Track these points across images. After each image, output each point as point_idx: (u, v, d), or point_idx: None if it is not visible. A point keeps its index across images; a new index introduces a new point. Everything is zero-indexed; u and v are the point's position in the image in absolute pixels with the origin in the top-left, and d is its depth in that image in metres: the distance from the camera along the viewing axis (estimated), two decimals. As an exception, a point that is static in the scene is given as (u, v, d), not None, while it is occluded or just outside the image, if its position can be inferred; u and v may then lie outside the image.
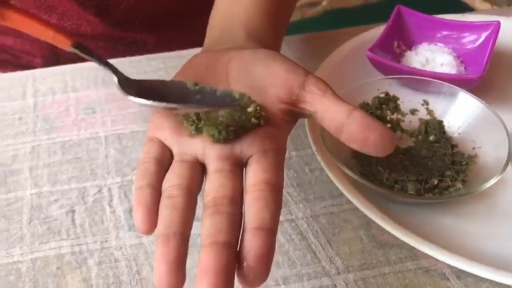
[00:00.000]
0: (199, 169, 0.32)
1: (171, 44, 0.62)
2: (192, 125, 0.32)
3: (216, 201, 0.29)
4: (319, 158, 0.40)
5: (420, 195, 0.39)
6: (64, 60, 0.57)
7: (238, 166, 0.31)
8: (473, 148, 0.42)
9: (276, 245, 0.38)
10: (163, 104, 0.31)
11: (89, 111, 0.50)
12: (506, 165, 0.38)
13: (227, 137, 0.32)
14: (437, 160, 0.41)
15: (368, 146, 0.32)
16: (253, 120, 0.32)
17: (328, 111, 0.33)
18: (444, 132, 0.43)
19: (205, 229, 0.28)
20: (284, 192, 0.42)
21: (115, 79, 0.34)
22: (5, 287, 0.36)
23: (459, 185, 0.39)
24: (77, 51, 0.35)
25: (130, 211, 0.41)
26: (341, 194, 0.39)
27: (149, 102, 0.31)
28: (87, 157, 0.46)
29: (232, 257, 0.27)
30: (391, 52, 0.52)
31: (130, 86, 0.34)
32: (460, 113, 0.44)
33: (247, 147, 0.32)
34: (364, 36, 0.53)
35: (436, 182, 0.39)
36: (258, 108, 0.33)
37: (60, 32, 0.36)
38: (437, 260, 0.35)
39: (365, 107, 0.44)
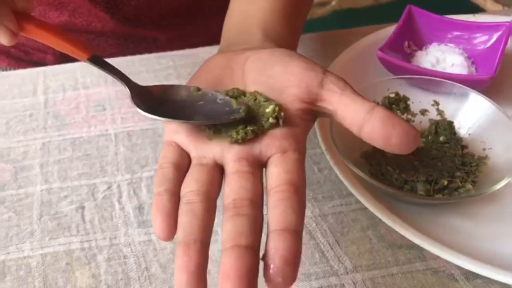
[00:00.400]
0: (217, 173, 0.31)
1: (182, 41, 0.62)
2: (210, 128, 0.32)
3: (236, 203, 0.29)
4: (328, 157, 0.40)
5: (430, 195, 0.38)
6: (76, 58, 0.57)
7: (258, 167, 0.31)
8: (484, 149, 0.42)
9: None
10: (171, 120, 0.32)
11: (99, 108, 0.50)
12: (517, 166, 0.38)
13: (245, 137, 0.31)
14: (447, 160, 0.41)
15: (392, 144, 0.31)
16: (271, 120, 0.32)
17: (348, 109, 0.32)
18: (455, 133, 0.43)
19: (226, 232, 0.28)
20: (292, 191, 0.42)
21: (128, 91, 0.34)
22: (15, 282, 0.36)
23: (469, 186, 0.39)
24: (92, 64, 0.36)
25: (139, 208, 0.41)
26: (350, 194, 0.39)
27: (159, 118, 0.32)
28: (97, 154, 0.46)
29: (255, 261, 0.27)
30: (402, 52, 0.52)
31: (142, 95, 0.34)
32: (470, 114, 0.44)
33: (266, 147, 0.31)
34: (374, 36, 0.53)
35: (446, 183, 0.39)
36: (277, 108, 0.32)
37: (78, 44, 0.36)
38: (446, 261, 0.35)
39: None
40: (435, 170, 0.40)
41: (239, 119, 0.32)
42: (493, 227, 0.38)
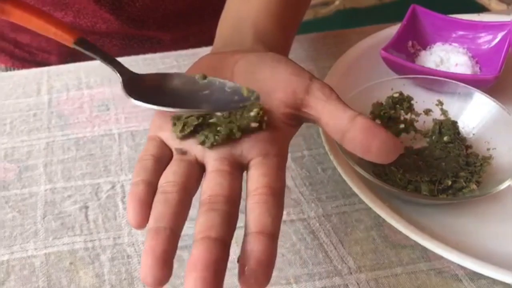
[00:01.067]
0: (197, 169, 0.31)
1: (186, 42, 0.62)
2: (181, 131, 0.32)
3: (211, 199, 0.29)
4: (331, 157, 0.40)
5: (434, 196, 0.38)
6: (80, 57, 0.57)
7: (238, 168, 0.31)
8: (488, 149, 0.42)
9: (288, 244, 0.38)
10: (164, 108, 0.31)
11: (103, 108, 0.50)
12: (521, 166, 0.38)
13: (219, 141, 0.31)
14: (451, 161, 0.40)
15: (371, 153, 0.31)
16: (253, 124, 0.32)
17: (332, 116, 0.32)
18: (459, 133, 0.43)
19: (198, 225, 0.28)
20: (296, 191, 0.42)
21: (120, 79, 0.34)
22: (19, 282, 0.37)
23: (473, 186, 0.39)
24: (80, 49, 0.35)
25: (142, 208, 0.41)
26: (354, 194, 0.39)
27: (149, 106, 0.32)
28: (100, 154, 0.46)
29: (223, 253, 0.27)
30: (406, 51, 0.52)
31: (137, 83, 0.34)
32: (474, 114, 0.43)
33: (247, 150, 0.31)
34: (378, 36, 0.53)
35: (450, 183, 0.39)
36: (260, 112, 0.32)
37: (63, 27, 0.35)
38: (450, 261, 0.35)
39: (378, 107, 0.43)
40: (439, 170, 0.39)
41: (249, 106, 0.32)
42: (498, 227, 0.38)
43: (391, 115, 0.43)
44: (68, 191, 0.43)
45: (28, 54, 0.65)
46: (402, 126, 0.44)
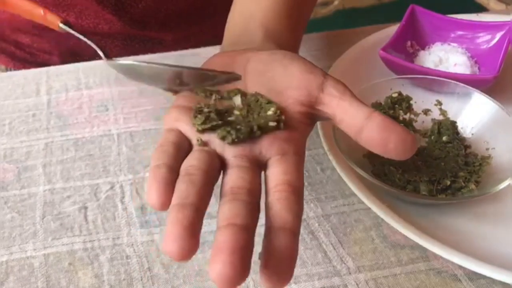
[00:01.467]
0: (217, 161, 0.31)
1: (187, 42, 0.62)
2: (202, 123, 0.32)
3: (233, 190, 0.29)
4: (330, 157, 0.40)
5: (433, 195, 0.38)
6: (81, 58, 0.57)
7: (257, 166, 0.31)
8: (487, 149, 0.42)
9: (287, 244, 0.38)
10: (145, 64, 0.31)
11: (102, 108, 0.50)
12: (520, 166, 0.38)
13: (240, 138, 0.31)
14: (450, 160, 0.41)
15: (389, 150, 0.31)
16: (271, 123, 0.32)
17: (347, 113, 0.32)
18: (457, 133, 0.43)
19: (222, 214, 0.27)
20: (295, 191, 0.42)
21: (101, 53, 0.34)
22: (18, 282, 0.37)
23: (472, 186, 0.39)
24: (66, 28, 0.36)
25: (142, 208, 0.41)
26: (353, 194, 0.39)
27: (131, 62, 0.31)
28: (99, 154, 0.46)
29: (249, 241, 0.26)
30: (404, 51, 0.52)
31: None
32: (473, 114, 0.43)
33: (266, 149, 0.31)
34: (377, 36, 0.53)
35: (449, 183, 0.39)
36: (278, 111, 0.32)
37: (50, 11, 0.37)
38: (449, 261, 0.35)
39: (377, 107, 0.43)
40: (438, 170, 0.39)
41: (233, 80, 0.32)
42: (497, 227, 0.38)
43: (390, 115, 0.43)
44: (67, 192, 0.43)
45: (29, 55, 0.65)
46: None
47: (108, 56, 0.33)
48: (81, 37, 0.35)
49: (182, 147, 0.31)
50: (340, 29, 0.60)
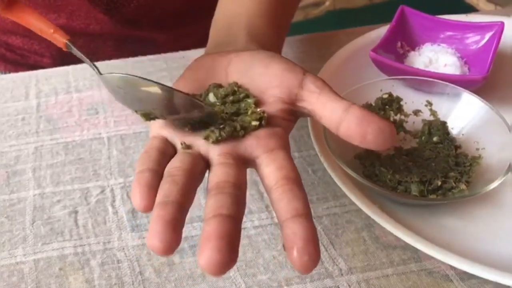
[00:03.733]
0: (201, 162, 0.32)
1: (180, 43, 0.62)
2: (187, 126, 0.33)
3: (219, 185, 0.29)
4: (322, 159, 0.40)
5: (424, 196, 0.38)
6: (73, 59, 0.57)
7: (242, 163, 0.31)
8: (477, 149, 0.42)
9: (279, 247, 0.38)
10: (136, 78, 0.31)
11: (92, 111, 0.50)
12: (510, 166, 0.38)
13: (224, 137, 0.32)
14: (441, 161, 0.41)
15: (368, 141, 0.31)
16: (253, 123, 0.33)
17: (325, 108, 0.33)
18: (448, 133, 0.43)
19: (208, 207, 0.28)
20: (287, 193, 0.42)
21: (96, 70, 0.35)
22: (8, 288, 0.36)
23: (462, 186, 0.39)
24: (72, 48, 0.37)
25: (132, 212, 0.41)
26: (344, 195, 0.39)
27: (119, 75, 0.32)
28: (90, 158, 0.45)
29: (236, 229, 0.27)
30: (395, 52, 0.52)
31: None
32: (463, 114, 0.44)
33: (251, 147, 0.32)
34: (367, 37, 0.53)
35: (439, 183, 0.39)
36: (259, 110, 0.33)
37: (58, 30, 0.38)
38: (440, 261, 0.35)
39: (368, 108, 0.43)
40: (428, 171, 0.40)
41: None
42: (487, 227, 0.38)
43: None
44: (57, 196, 0.42)
45: (20, 57, 0.65)
46: (391, 127, 0.44)
47: (100, 73, 0.34)
48: (84, 58, 0.36)
49: (167, 153, 0.32)
50: (331, 30, 0.60)
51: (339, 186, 0.38)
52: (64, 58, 0.64)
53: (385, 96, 0.43)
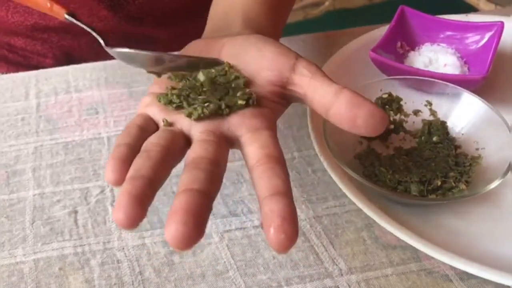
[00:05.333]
0: (182, 139, 0.32)
1: (183, 40, 0.62)
2: (170, 103, 0.33)
3: (195, 160, 0.29)
4: (321, 159, 0.40)
5: (423, 196, 0.38)
6: (75, 60, 0.57)
7: (224, 141, 0.31)
8: (477, 149, 0.42)
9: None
10: (143, 52, 0.33)
11: (91, 111, 0.50)
12: (510, 166, 0.38)
13: (207, 114, 0.32)
14: (441, 161, 0.41)
15: (358, 125, 0.31)
16: (240, 102, 0.33)
17: (316, 92, 0.32)
18: (448, 133, 0.43)
19: (181, 182, 0.28)
20: (286, 193, 0.42)
21: (101, 41, 0.37)
22: (8, 288, 0.36)
23: (462, 186, 0.39)
24: (71, 19, 0.38)
25: (132, 212, 0.41)
26: (344, 195, 0.39)
27: (127, 50, 0.34)
28: (89, 158, 0.45)
29: (205, 204, 0.27)
30: (394, 52, 0.52)
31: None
32: (463, 114, 0.44)
33: (235, 126, 0.32)
34: (367, 37, 0.53)
35: (439, 183, 0.39)
36: (247, 90, 0.33)
37: (56, 3, 0.39)
38: (440, 261, 0.35)
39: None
40: (428, 171, 0.40)
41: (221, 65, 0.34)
42: (487, 227, 0.38)
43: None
44: (57, 196, 0.42)
45: (23, 58, 0.65)
46: (391, 127, 0.44)
47: (108, 44, 0.36)
48: (85, 27, 0.37)
49: (148, 130, 0.32)
50: (330, 30, 0.60)
51: (339, 186, 0.38)
52: (66, 59, 0.63)
53: (385, 96, 0.43)
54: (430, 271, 0.37)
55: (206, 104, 0.32)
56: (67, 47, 0.63)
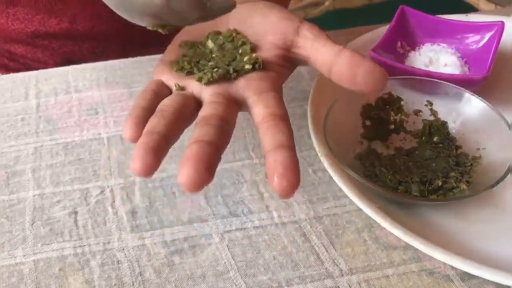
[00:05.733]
0: (193, 103, 0.34)
1: None
2: (182, 70, 0.36)
3: (205, 117, 0.32)
4: (322, 159, 0.40)
5: (424, 196, 0.38)
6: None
7: (233, 103, 0.34)
8: (478, 149, 0.42)
9: (279, 247, 0.38)
10: None
11: (91, 112, 0.50)
12: (511, 166, 0.38)
13: (216, 78, 0.34)
14: (441, 161, 0.41)
15: (358, 83, 0.32)
16: (246, 66, 0.35)
17: (319, 53, 0.34)
18: (448, 133, 0.43)
19: (192, 136, 0.30)
20: (287, 194, 0.42)
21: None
22: (8, 289, 0.36)
23: (463, 186, 0.39)
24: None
25: (132, 212, 0.41)
26: (345, 195, 0.39)
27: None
28: (89, 158, 0.45)
29: (214, 153, 0.29)
30: (395, 52, 0.52)
31: None
32: (464, 114, 0.44)
33: (243, 88, 0.34)
34: (367, 37, 0.53)
35: (440, 183, 0.39)
36: (253, 55, 0.35)
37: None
38: (441, 262, 0.35)
39: (368, 108, 0.43)
40: (429, 171, 0.40)
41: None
42: (488, 227, 0.38)
43: (381, 116, 0.43)
44: (57, 197, 0.42)
45: (23, 66, 0.64)
46: (392, 127, 0.44)
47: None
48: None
49: (161, 94, 0.35)
50: (330, 30, 0.60)
51: (340, 187, 0.38)
52: (67, 65, 0.63)
53: (385, 96, 0.43)
54: (431, 271, 0.36)
55: (215, 70, 0.35)
56: (68, 53, 0.63)
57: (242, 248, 0.38)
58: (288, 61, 0.36)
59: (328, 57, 0.34)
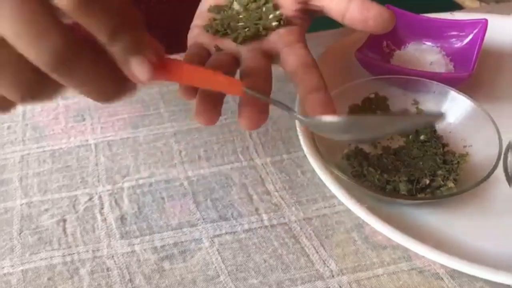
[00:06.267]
0: (233, 59, 0.39)
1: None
2: (217, 32, 0.41)
3: (248, 68, 0.37)
4: (310, 160, 0.40)
5: (412, 195, 0.38)
6: None
7: (268, 56, 0.39)
8: (464, 147, 0.42)
9: (270, 249, 0.38)
10: (349, 118, 0.40)
11: (78, 118, 0.50)
12: (497, 162, 0.38)
13: (249, 36, 0.40)
14: (428, 159, 0.41)
15: (369, 25, 0.38)
16: (274, 23, 0.40)
17: (333, 2, 0.39)
18: (435, 131, 0.43)
19: (241, 70, 0.38)
20: (276, 195, 0.42)
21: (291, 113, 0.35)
22: (-3, 299, 0.36)
23: (451, 184, 0.39)
24: (251, 92, 0.33)
25: (121, 218, 0.41)
26: (334, 196, 0.39)
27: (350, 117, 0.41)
28: (77, 165, 0.45)
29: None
30: (380, 52, 0.52)
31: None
32: (450, 112, 0.44)
33: (274, 42, 0.40)
34: (353, 37, 0.53)
35: (427, 181, 0.39)
36: (278, 12, 0.41)
37: (233, 79, 0.35)
38: (431, 260, 0.35)
39: (355, 109, 0.43)
40: (416, 170, 0.40)
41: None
42: (476, 224, 0.38)
43: (367, 116, 0.43)
44: (45, 205, 0.42)
45: None
46: (379, 126, 0.44)
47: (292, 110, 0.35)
48: (268, 100, 0.35)
49: (203, 55, 0.39)
50: (316, 31, 0.60)
51: (328, 187, 0.38)
52: None
53: (372, 96, 0.44)
54: (421, 270, 0.37)
55: (246, 29, 0.40)
56: None
57: (233, 251, 0.38)
58: (306, 13, 0.42)
59: (341, 5, 0.39)
